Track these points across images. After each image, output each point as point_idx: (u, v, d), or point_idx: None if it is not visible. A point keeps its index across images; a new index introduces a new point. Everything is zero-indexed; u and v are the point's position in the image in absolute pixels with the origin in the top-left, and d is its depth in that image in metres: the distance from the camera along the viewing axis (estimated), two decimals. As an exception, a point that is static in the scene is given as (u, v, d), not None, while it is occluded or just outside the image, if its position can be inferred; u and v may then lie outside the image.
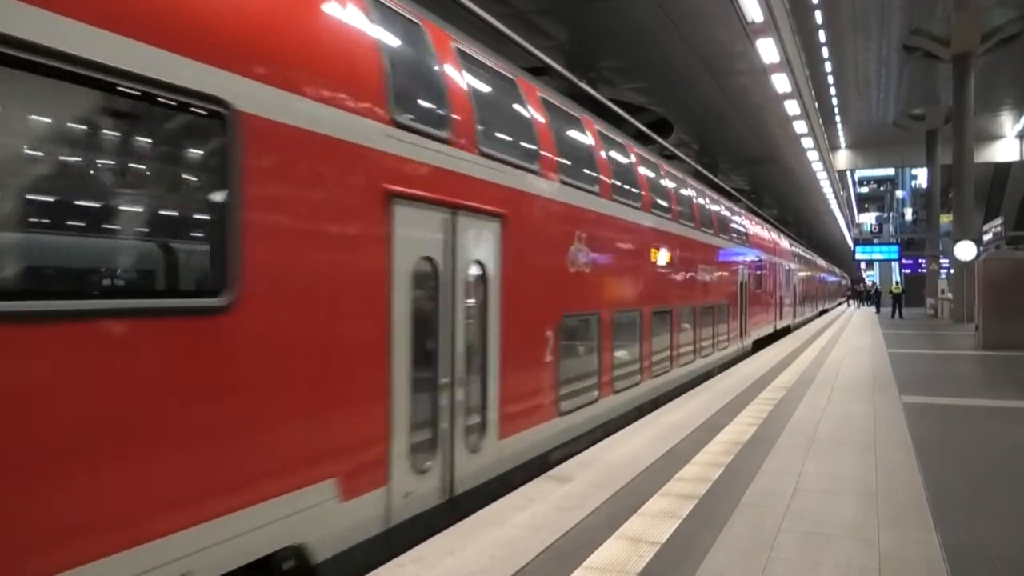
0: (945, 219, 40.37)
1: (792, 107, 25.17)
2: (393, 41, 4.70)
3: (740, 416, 8.07)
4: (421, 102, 5.08)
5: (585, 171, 7.73)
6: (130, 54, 2.85)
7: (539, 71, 8.55)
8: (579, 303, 7.41)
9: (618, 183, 8.59)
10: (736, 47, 19.25)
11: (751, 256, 17.59)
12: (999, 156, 42.28)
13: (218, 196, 3.27)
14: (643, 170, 9.88)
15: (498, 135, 6.02)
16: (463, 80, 5.48)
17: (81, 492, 2.68)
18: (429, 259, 4.81)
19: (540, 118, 6.82)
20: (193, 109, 3.17)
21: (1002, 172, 47.50)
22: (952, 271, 29.24)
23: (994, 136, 40.55)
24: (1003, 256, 19.62)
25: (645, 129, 12.59)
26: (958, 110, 26.91)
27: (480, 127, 5.52)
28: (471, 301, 5.33)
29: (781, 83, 21.94)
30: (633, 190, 9.22)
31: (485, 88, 5.93)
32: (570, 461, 5.98)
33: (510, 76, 6.54)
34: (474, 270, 5.38)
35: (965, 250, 25.01)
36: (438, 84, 5.23)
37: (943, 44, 25.73)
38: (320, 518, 3.76)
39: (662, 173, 10.93)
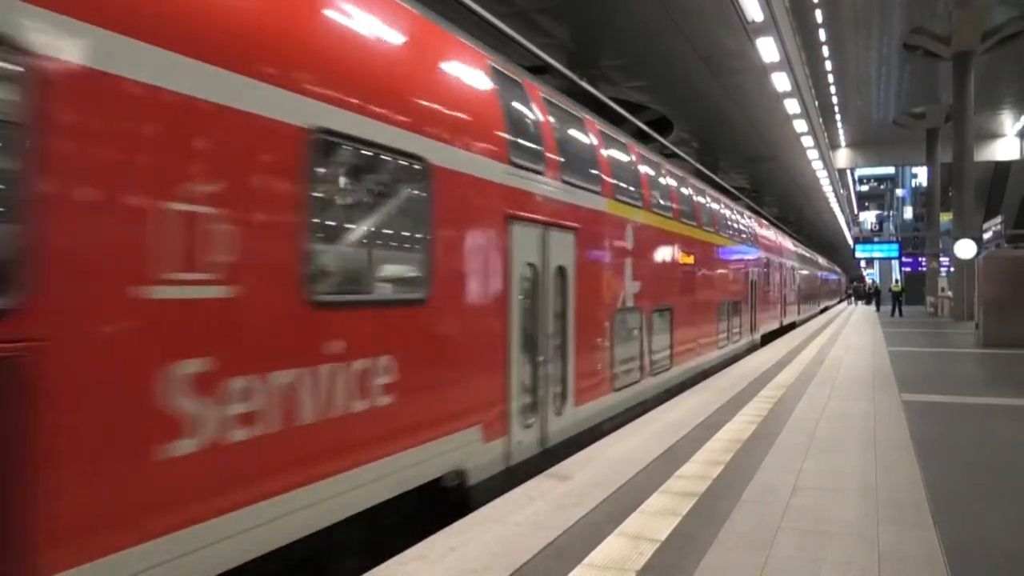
0: (945, 217, 40.42)
1: (792, 106, 25.15)
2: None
3: (740, 414, 8.09)
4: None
5: None
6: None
7: (540, 70, 8.54)
8: None
9: None
10: (736, 46, 19.25)
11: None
12: (999, 155, 42.28)
13: None
14: None
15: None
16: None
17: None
18: None
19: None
20: None
21: (1002, 170, 47.48)
22: (952, 269, 29.23)
23: (994, 135, 40.56)
24: (1003, 254, 19.59)
25: (645, 127, 12.55)
26: (958, 108, 26.90)
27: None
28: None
29: (781, 82, 21.94)
30: None
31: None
32: (570, 459, 6.00)
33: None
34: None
35: (965, 248, 25.00)
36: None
37: (944, 43, 25.73)
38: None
39: None
